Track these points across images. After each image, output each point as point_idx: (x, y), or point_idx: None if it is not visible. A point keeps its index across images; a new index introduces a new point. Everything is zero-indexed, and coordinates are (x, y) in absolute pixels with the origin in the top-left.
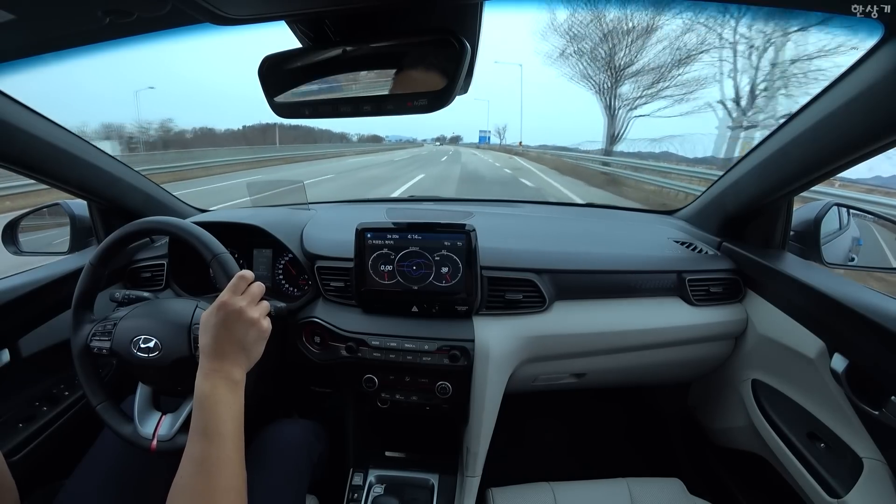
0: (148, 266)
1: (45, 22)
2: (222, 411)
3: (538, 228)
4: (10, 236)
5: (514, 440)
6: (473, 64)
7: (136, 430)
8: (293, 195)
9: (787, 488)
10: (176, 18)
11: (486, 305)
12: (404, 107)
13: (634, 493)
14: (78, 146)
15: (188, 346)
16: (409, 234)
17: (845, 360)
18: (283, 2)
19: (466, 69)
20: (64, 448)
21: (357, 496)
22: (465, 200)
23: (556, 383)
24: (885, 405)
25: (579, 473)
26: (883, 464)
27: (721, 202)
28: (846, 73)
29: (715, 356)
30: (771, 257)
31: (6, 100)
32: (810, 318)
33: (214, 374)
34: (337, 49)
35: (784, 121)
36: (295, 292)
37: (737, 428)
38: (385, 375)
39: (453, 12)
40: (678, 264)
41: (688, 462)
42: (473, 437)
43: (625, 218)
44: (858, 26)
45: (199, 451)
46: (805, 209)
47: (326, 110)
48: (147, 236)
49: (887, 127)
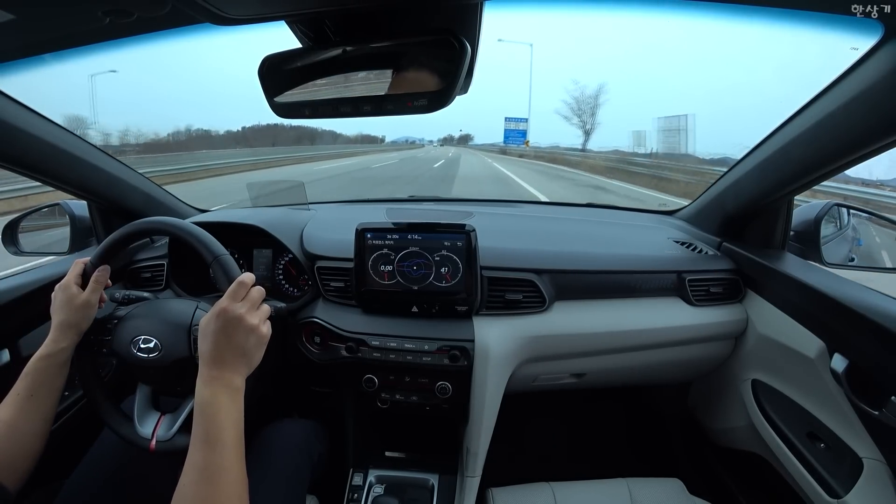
0: (148, 266)
1: (45, 22)
2: (223, 419)
3: (538, 228)
4: (10, 236)
5: (514, 440)
6: (473, 64)
7: (136, 430)
8: (293, 195)
9: (787, 488)
10: (176, 18)
11: (486, 305)
12: (404, 107)
13: (634, 493)
14: (78, 146)
15: (188, 346)
16: (409, 235)
17: (845, 360)
18: (283, 2)
19: (466, 69)
20: (64, 448)
21: (357, 496)
22: (465, 200)
23: (556, 383)
24: (885, 405)
25: (579, 473)
26: (883, 464)
27: (721, 202)
28: (846, 73)
29: (715, 356)
30: (771, 257)
31: (6, 100)
32: (810, 318)
33: (215, 382)
34: (337, 49)
35: (784, 121)
36: (295, 292)
37: (737, 428)
38: (385, 375)
39: (453, 12)
40: (678, 264)
41: (688, 462)
42: (473, 437)
43: (625, 218)
44: (858, 26)
45: (201, 459)
46: (805, 209)
47: (326, 110)
48: (147, 236)
49: (887, 127)
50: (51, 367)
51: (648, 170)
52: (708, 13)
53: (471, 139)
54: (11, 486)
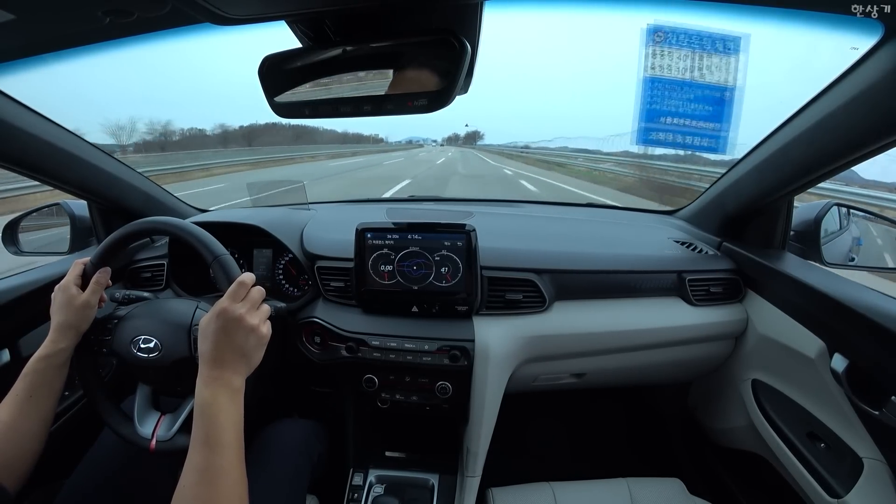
0: (148, 266)
1: (45, 22)
2: (223, 420)
3: (538, 228)
4: (11, 236)
5: (515, 440)
6: (473, 64)
7: (136, 429)
8: (293, 195)
9: (787, 488)
10: (176, 18)
11: (487, 305)
12: (404, 106)
13: (634, 493)
14: (78, 146)
15: (188, 346)
16: (409, 234)
17: (845, 360)
18: (283, 2)
19: (466, 69)
20: (64, 448)
21: (357, 496)
22: (466, 200)
23: (556, 383)
24: (885, 405)
25: (579, 473)
26: (883, 464)
27: (721, 202)
28: (846, 73)
29: (715, 356)
30: (771, 257)
31: (6, 100)
32: (810, 317)
33: (215, 383)
34: (337, 49)
35: (784, 121)
36: (295, 292)
37: (737, 428)
38: (385, 375)
39: (453, 12)
40: (678, 264)
41: (688, 462)
42: (473, 437)
43: (625, 218)
44: (858, 26)
45: (201, 460)
46: (805, 209)
47: (326, 110)
48: (147, 236)
49: (887, 127)
50: (49, 367)
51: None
52: (708, 13)
53: (480, 137)
54: (10, 487)
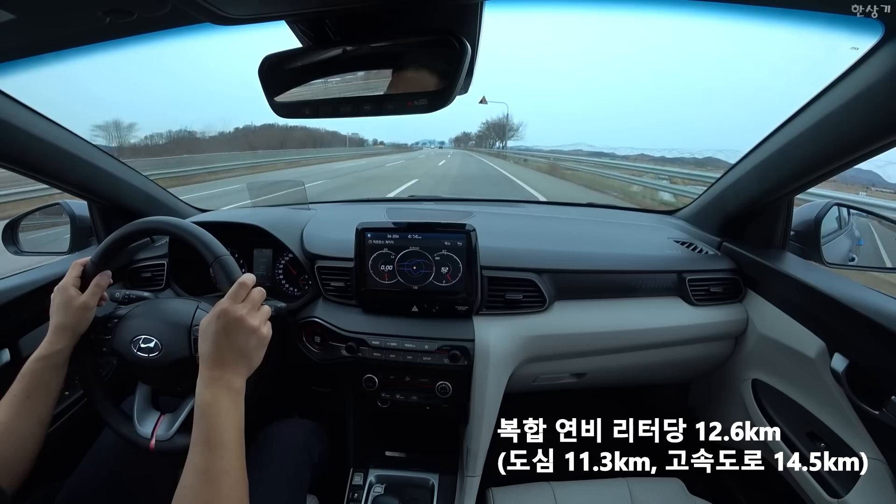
0: (148, 266)
1: (45, 22)
2: (224, 421)
3: (538, 228)
4: (11, 236)
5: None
6: (473, 64)
7: (135, 429)
8: (293, 195)
9: (787, 488)
10: (176, 18)
11: (487, 305)
12: (404, 107)
13: (634, 493)
14: (78, 146)
15: (188, 346)
16: (410, 234)
17: (845, 360)
18: (283, 2)
19: (466, 69)
20: (64, 448)
21: (357, 496)
22: (466, 200)
23: (556, 383)
24: (885, 405)
25: (579, 473)
26: (883, 464)
27: (721, 202)
28: (846, 73)
29: (715, 356)
30: (771, 257)
31: (6, 100)
32: (810, 317)
33: (215, 384)
34: (337, 49)
35: (784, 121)
36: (295, 292)
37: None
38: (385, 375)
39: (453, 12)
40: (678, 264)
41: (688, 462)
42: (473, 436)
43: (625, 218)
44: (858, 26)
45: (201, 462)
46: (805, 209)
47: (327, 110)
48: (148, 236)
49: (887, 127)
50: (47, 368)
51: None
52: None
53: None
54: (9, 488)
